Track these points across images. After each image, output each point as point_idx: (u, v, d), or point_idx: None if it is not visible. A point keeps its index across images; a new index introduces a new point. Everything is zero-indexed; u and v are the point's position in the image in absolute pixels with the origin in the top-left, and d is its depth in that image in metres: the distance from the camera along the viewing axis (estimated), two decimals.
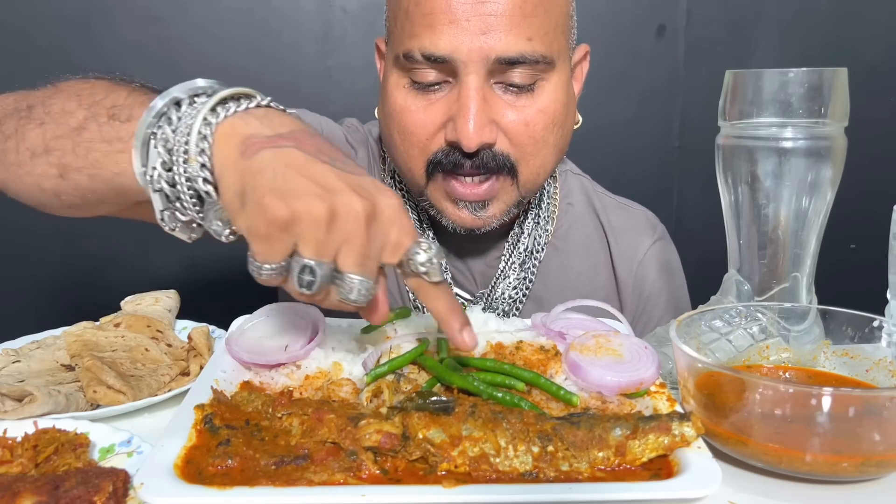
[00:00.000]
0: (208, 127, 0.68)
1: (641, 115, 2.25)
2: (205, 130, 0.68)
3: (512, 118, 1.02)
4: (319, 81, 2.13)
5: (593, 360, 0.81)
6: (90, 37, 2.00)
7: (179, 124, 0.69)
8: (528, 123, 1.03)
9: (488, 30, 0.96)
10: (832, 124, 0.88)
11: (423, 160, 1.05)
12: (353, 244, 0.65)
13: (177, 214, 0.72)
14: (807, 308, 0.92)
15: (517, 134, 1.03)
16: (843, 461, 0.69)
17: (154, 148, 0.70)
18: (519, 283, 1.22)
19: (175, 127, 0.69)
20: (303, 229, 0.64)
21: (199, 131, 0.68)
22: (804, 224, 0.92)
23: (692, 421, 0.70)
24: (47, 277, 2.14)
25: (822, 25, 2.32)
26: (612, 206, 1.33)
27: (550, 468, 0.67)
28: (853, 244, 2.24)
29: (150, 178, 0.71)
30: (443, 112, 1.02)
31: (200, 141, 0.68)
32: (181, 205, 0.71)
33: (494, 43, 0.96)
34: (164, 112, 0.70)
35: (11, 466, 0.70)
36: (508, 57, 0.97)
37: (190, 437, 0.69)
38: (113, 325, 1.03)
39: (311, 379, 0.83)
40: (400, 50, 1.01)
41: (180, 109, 0.70)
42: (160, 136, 0.70)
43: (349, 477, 0.65)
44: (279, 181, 0.64)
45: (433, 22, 0.97)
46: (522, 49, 0.98)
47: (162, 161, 0.70)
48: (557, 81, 1.04)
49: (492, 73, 0.99)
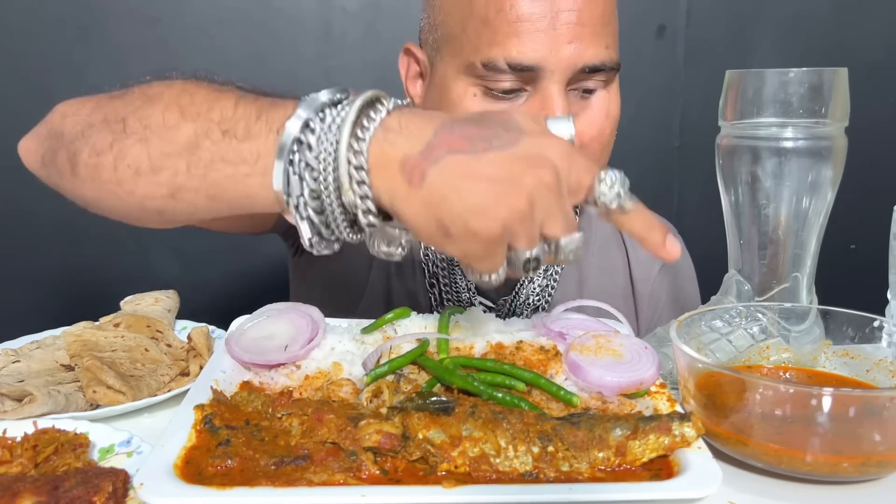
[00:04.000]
0: (359, 157, 0.63)
1: (641, 115, 2.25)
2: (356, 160, 0.63)
3: (586, 123, 1.02)
4: (319, 82, 2.12)
5: (593, 361, 0.81)
6: (90, 37, 2.00)
7: (321, 151, 0.64)
8: (600, 129, 1.03)
9: (575, 38, 0.96)
10: (832, 124, 0.88)
11: None
12: (555, 212, 0.64)
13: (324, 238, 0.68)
14: (807, 308, 0.92)
15: (590, 139, 1.03)
16: (844, 461, 0.69)
17: (294, 175, 0.65)
18: (542, 290, 1.22)
19: (318, 154, 0.64)
20: (515, 230, 0.63)
21: (350, 161, 0.63)
22: (804, 224, 0.92)
23: (692, 421, 0.70)
24: (47, 277, 2.14)
25: (822, 25, 2.32)
26: None
27: (551, 468, 0.67)
28: (853, 244, 2.24)
29: (295, 207, 0.66)
30: None
31: (356, 171, 0.63)
32: (331, 230, 0.68)
33: (583, 51, 0.96)
34: (297, 138, 0.65)
35: (11, 466, 0.70)
36: (593, 65, 0.98)
37: (190, 438, 0.69)
38: (112, 326, 1.03)
39: (311, 379, 0.83)
40: (477, 58, 0.98)
41: (315, 133, 0.64)
42: (299, 162, 0.65)
43: (349, 477, 0.65)
44: (469, 199, 0.61)
45: (519, 30, 0.96)
46: (604, 58, 0.98)
47: (310, 190, 0.65)
48: (616, 85, 1.06)
49: (571, 81, 0.99)
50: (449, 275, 1.20)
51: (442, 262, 1.20)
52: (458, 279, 1.20)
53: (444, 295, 1.20)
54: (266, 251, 2.02)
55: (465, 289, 1.20)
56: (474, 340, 0.89)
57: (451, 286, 1.20)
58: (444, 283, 1.20)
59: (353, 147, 0.63)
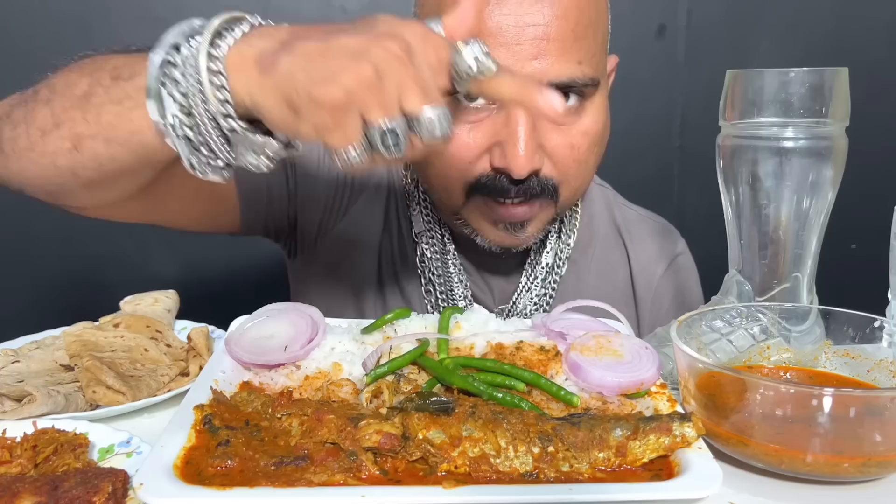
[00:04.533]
0: (217, 62, 0.68)
1: (641, 115, 2.25)
2: (215, 66, 0.67)
3: (557, 141, 1.00)
4: None
5: (594, 361, 0.81)
6: (90, 37, 2.00)
7: (186, 67, 0.68)
8: (574, 146, 1.01)
9: (539, 54, 0.94)
10: (833, 124, 0.88)
11: (463, 182, 1.02)
12: (408, 83, 0.65)
13: (204, 158, 0.72)
14: (808, 308, 0.92)
15: (562, 157, 1.01)
16: (844, 462, 0.69)
17: (168, 95, 0.69)
18: (539, 299, 1.21)
19: (183, 70, 0.68)
20: (361, 97, 0.64)
21: (209, 68, 0.67)
22: (805, 224, 0.92)
23: (693, 421, 0.70)
24: (47, 277, 2.14)
25: (823, 25, 2.32)
26: (633, 219, 1.32)
27: (551, 469, 0.67)
28: (854, 244, 2.24)
29: (171, 126, 0.70)
30: (488, 135, 0.99)
31: (214, 77, 0.67)
32: (209, 148, 0.71)
33: (546, 68, 0.94)
34: (166, 59, 0.69)
35: (10, 467, 0.70)
36: (560, 82, 0.95)
37: (189, 438, 0.68)
38: (112, 326, 1.03)
39: (311, 379, 0.83)
40: None
41: (181, 53, 0.69)
42: (170, 82, 0.69)
43: (349, 477, 0.65)
44: (315, 73, 0.64)
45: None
46: (573, 74, 0.96)
47: (180, 106, 0.69)
48: (599, 101, 1.03)
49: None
50: (445, 282, 1.19)
51: (438, 268, 1.20)
52: (455, 286, 1.19)
53: (441, 302, 1.20)
54: (266, 251, 2.01)
55: (461, 296, 1.19)
56: (474, 340, 0.89)
57: (448, 293, 1.19)
58: (441, 291, 1.20)
59: (211, 54, 0.68)
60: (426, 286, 1.21)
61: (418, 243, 1.20)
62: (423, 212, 1.20)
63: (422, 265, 1.21)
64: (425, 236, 1.20)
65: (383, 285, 1.23)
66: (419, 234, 1.20)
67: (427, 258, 1.20)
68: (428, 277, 1.20)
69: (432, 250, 1.19)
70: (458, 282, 1.19)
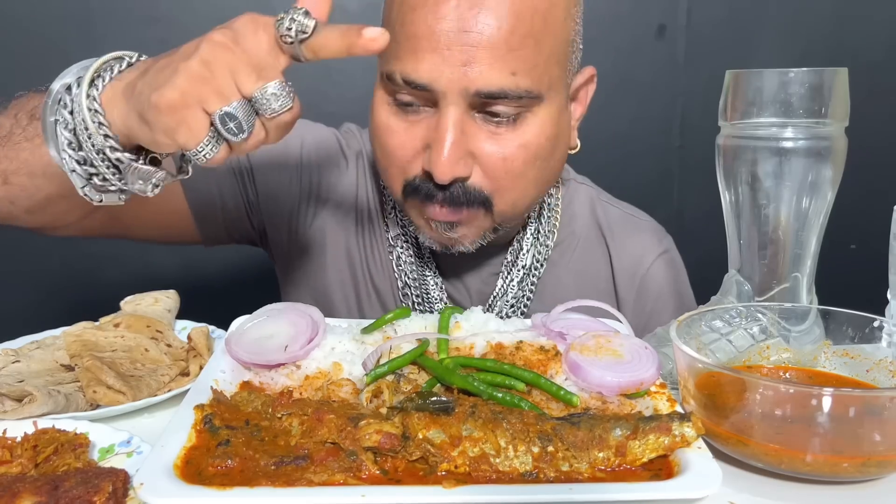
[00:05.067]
0: (94, 101, 0.75)
1: (641, 115, 2.25)
2: (93, 105, 0.75)
3: (490, 151, 0.97)
4: (319, 82, 2.13)
5: (593, 361, 0.81)
6: (90, 37, 2.00)
7: (73, 106, 0.76)
8: (507, 158, 0.97)
9: (469, 61, 0.91)
10: (832, 124, 0.88)
11: (402, 180, 1.02)
12: (238, 66, 0.70)
13: (98, 187, 0.78)
14: (807, 308, 0.92)
15: (493, 168, 0.98)
16: (844, 462, 0.69)
17: (60, 134, 0.76)
18: (517, 301, 1.19)
19: (71, 109, 0.76)
20: (196, 91, 0.69)
21: (88, 107, 0.75)
22: (804, 224, 0.92)
23: (692, 421, 0.70)
24: (47, 277, 2.14)
25: (822, 25, 2.32)
26: (616, 218, 1.28)
27: (550, 468, 0.67)
28: (853, 244, 2.24)
29: (64, 160, 0.77)
30: (423, 136, 0.98)
31: (94, 115, 0.75)
32: (101, 178, 0.78)
33: (475, 76, 0.92)
34: (59, 98, 0.77)
35: (11, 467, 0.70)
36: (488, 92, 0.92)
37: (189, 438, 0.69)
38: (112, 326, 1.03)
39: (311, 379, 0.83)
40: (384, 69, 0.98)
41: (71, 93, 0.76)
42: (61, 121, 0.76)
43: (349, 477, 0.65)
44: (154, 83, 0.71)
45: (416, 47, 0.93)
46: (504, 84, 0.92)
47: (69, 142, 0.76)
48: (545, 114, 0.99)
49: (472, 105, 0.95)
50: (421, 285, 1.19)
51: (413, 271, 1.19)
52: (431, 289, 1.19)
53: (417, 306, 1.20)
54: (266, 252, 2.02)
55: (437, 299, 1.19)
56: (474, 340, 0.89)
57: (424, 296, 1.19)
58: (416, 294, 1.19)
59: (90, 95, 0.75)
60: (403, 290, 1.20)
61: (394, 247, 1.20)
62: (397, 215, 1.20)
63: (398, 268, 1.20)
64: (400, 239, 1.20)
65: (358, 289, 1.23)
66: (395, 237, 1.20)
67: (403, 261, 1.19)
68: (404, 281, 1.20)
69: (407, 253, 1.19)
70: (433, 284, 1.18)
